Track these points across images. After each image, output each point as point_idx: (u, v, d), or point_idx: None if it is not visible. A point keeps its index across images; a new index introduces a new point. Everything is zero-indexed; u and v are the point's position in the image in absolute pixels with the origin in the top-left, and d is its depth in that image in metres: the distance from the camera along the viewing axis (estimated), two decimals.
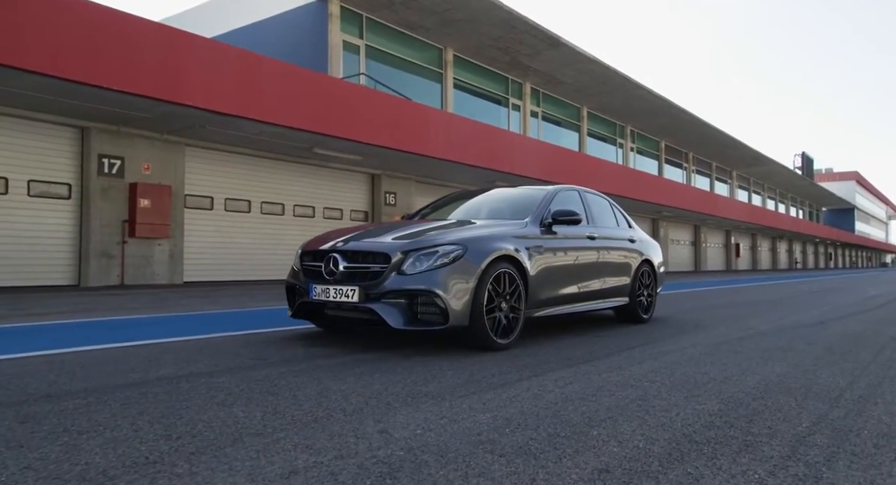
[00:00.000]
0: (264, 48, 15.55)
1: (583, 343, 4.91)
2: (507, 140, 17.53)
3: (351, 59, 16.08)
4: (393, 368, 3.70)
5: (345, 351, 4.27)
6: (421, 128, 14.35)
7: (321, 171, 15.38)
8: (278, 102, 11.20)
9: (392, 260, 4.23)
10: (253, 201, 14.06)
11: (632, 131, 29.84)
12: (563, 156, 20.47)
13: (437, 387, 3.19)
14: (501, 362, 3.96)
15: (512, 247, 4.65)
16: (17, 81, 8.78)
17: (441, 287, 4.14)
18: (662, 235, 32.29)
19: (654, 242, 7.15)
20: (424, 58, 18.28)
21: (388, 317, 4.14)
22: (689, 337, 5.46)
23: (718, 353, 4.57)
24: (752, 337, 5.55)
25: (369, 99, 13.47)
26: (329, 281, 4.41)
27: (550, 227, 5.28)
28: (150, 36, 9.57)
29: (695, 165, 37.13)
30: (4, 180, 10.50)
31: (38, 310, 6.88)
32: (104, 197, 11.36)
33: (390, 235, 4.57)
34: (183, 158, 12.57)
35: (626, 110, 26.94)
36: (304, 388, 3.10)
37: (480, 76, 20.51)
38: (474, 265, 4.29)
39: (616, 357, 4.28)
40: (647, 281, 6.70)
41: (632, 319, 6.50)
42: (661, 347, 4.80)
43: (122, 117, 10.89)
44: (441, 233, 4.53)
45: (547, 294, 5.07)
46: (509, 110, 21.72)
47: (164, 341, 4.53)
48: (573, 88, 23.36)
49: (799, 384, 3.49)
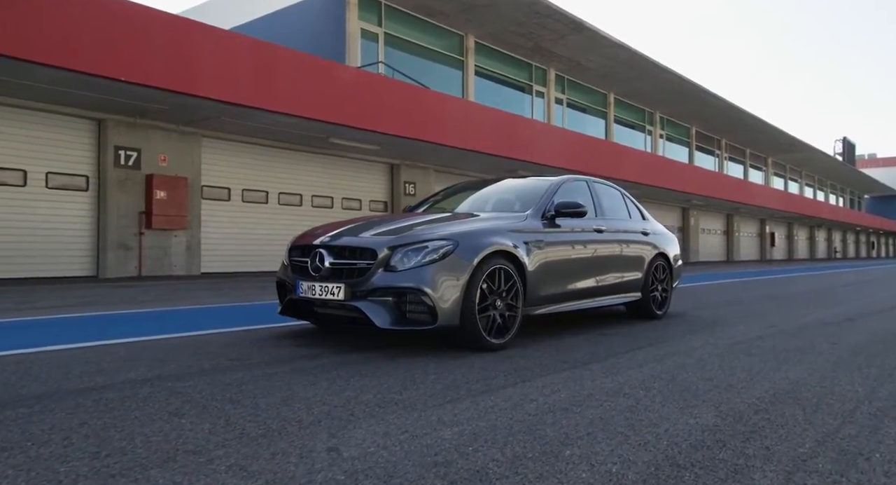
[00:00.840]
0: (283, 38, 15.44)
1: (586, 343, 4.66)
2: (529, 128, 17.17)
3: (369, 48, 15.88)
4: (374, 370, 3.51)
5: (331, 351, 4.10)
6: (438, 117, 14.10)
7: (339, 161, 15.26)
8: (292, 92, 11.06)
9: (378, 256, 4.03)
10: (270, 192, 14.01)
11: (661, 118, 29.10)
12: (587, 144, 20.02)
13: (412, 394, 2.99)
14: (491, 365, 3.74)
15: (508, 242, 4.41)
16: (30, 74, 8.79)
17: (429, 285, 3.92)
18: (693, 225, 31.54)
19: (670, 235, 6.82)
20: (445, 45, 17.98)
21: (375, 316, 3.95)
22: (703, 336, 5.16)
23: (730, 355, 4.27)
24: (771, 336, 5.22)
25: (385, 88, 13.26)
26: (315, 278, 4.23)
27: (554, 220, 5.02)
28: (160, 26, 9.49)
29: (727, 151, 36.13)
30: (23, 173, 10.59)
31: (44, 303, 6.87)
32: (121, 189, 11.39)
33: (379, 229, 4.37)
34: (199, 149, 12.54)
35: (655, 96, 26.24)
36: (270, 394, 2.92)
37: (503, 63, 20.12)
38: (465, 261, 4.06)
39: (617, 359, 4.02)
40: (661, 275, 6.38)
41: (645, 316, 6.20)
42: (668, 348, 4.52)
43: (137, 109, 10.88)
44: (431, 227, 4.31)
45: (549, 291, 4.82)
46: (533, 97, 21.31)
47: (149, 339, 4.41)
48: (599, 74, 22.81)
49: (811, 394, 3.19)
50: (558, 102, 22.48)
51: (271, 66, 10.75)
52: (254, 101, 10.46)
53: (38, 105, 10.50)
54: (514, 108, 20.44)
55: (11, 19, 7.94)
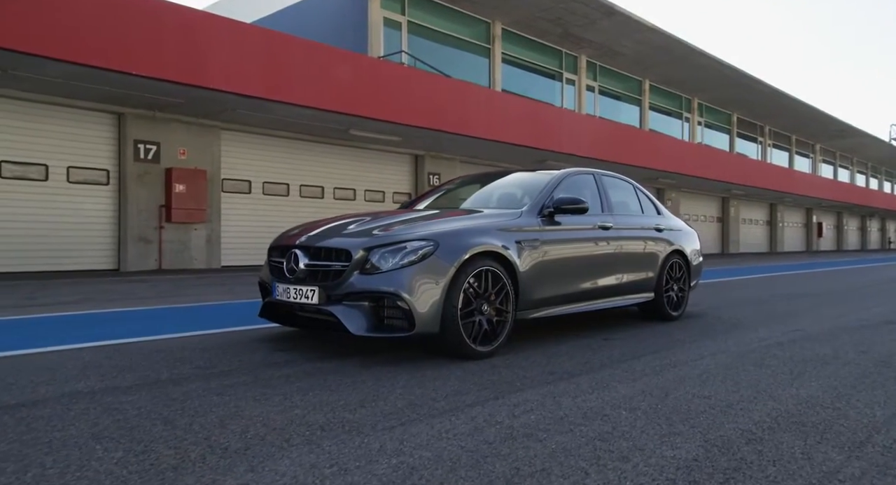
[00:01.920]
0: (306, 29, 15.30)
1: (583, 350, 4.33)
2: (556, 117, 16.69)
3: (392, 37, 15.60)
4: (340, 382, 3.27)
5: (306, 357, 3.88)
6: (461, 106, 13.77)
7: (362, 152, 15.07)
8: (307, 84, 10.88)
9: (353, 258, 3.78)
10: (292, 184, 13.92)
11: (699, 104, 28.09)
12: (619, 132, 19.41)
13: (366, 413, 2.73)
14: (470, 377, 3.46)
15: (496, 241, 4.10)
16: (41, 69, 8.79)
17: (405, 288, 3.66)
18: (733, 215, 30.48)
19: (688, 230, 6.39)
20: (471, 33, 17.58)
21: (349, 321, 3.71)
22: (716, 342, 4.77)
23: (740, 365, 3.90)
24: (792, 343, 4.79)
25: (405, 78, 12.98)
26: (290, 280, 4.01)
27: (552, 216, 4.69)
28: (171, 18, 9.39)
29: (771, 138, 34.75)
30: (45, 167, 10.70)
31: (47, 300, 6.85)
32: (140, 182, 11.43)
33: (359, 229, 4.11)
34: (219, 142, 12.51)
35: (693, 82, 25.30)
36: (212, 412, 2.71)
37: (531, 50, 19.60)
38: (446, 263, 3.78)
39: (611, 370, 3.69)
40: (677, 274, 5.98)
41: (659, 317, 5.82)
42: (674, 357, 4.17)
43: (155, 102, 10.86)
44: (412, 226, 4.03)
45: (545, 293, 4.50)
46: (563, 85, 20.74)
47: (125, 342, 4.26)
48: (632, 60, 22.06)
49: (820, 417, 2.82)
50: (590, 90, 21.85)
51: (284, 57, 10.59)
52: (267, 93, 10.33)
53: (58, 100, 10.57)
54: (544, 97, 19.93)
55: (17, 12, 7.93)
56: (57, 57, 8.30)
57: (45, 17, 8.22)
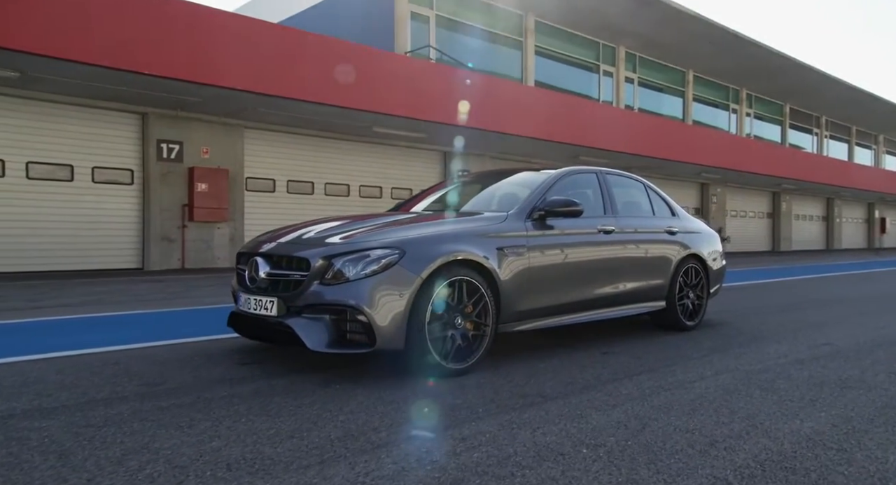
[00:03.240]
0: (334, 25, 15.18)
1: (573, 366, 3.95)
2: (589, 111, 16.13)
3: (421, 31, 15.32)
4: (284, 405, 3.00)
5: (264, 374, 3.63)
6: (488, 101, 13.38)
7: (388, 149, 14.86)
8: (324, 80, 10.70)
9: (312, 267, 3.51)
10: (316, 183, 13.81)
11: (748, 95, 26.87)
12: (658, 126, 18.66)
13: (289, 447, 2.45)
14: (431, 400, 3.14)
15: (473, 248, 3.76)
16: (56, 71, 8.84)
17: (365, 301, 3.37)
18: (784, 210, 29.10)
19: (708, 232, 5.89)
20: (502, 26, 17.13)
21: (307, 335, 3.44)
22: (727, 358, 4.31)
23: (744, 389, 3.46)
24: (815, 360, 4.29)
25: (427, 73, 12.68)
26: (252, 290, 3.77)
27: (544, 220, 4.31)
28: (180, 16, 9.33)
29: (828, 129, 33.04)
30: (70, 168, 10.84)
31: (52, 302, 6.83)
32: (163, 182, 11.48)
33: (326, 234, 3.83)
34: (242, 140, 12.48)
35: (740, 72, 24.18)
36: (119, 444, 2.46)
37: (566, 42, 19.02)
38: (411, 273, 3.47)
39: (592, 393, 3.32)
40: (693, 280, 5.51)
41: (672, 327, 5.37)
42: (671, 376, 3.75)
43: (174, 102, 10.87)
44: (380, 232, 3.73)
45: (533, 304, 4.14)
46: (600, 77, 20.06)
47: (86, 353, 4.09)
48: (674, 51, 21.19)
49: (819, 462, 2.40)
50: (629, 81, 21.09)
51: (298, 53, 10.42)
52: (280, 91, 10.19)
53: (83, 101, 10.68)
54: (580, 89, 19.34)
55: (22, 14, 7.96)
56: (66, 58, 8.31)
57: (57, 19, 8.24)
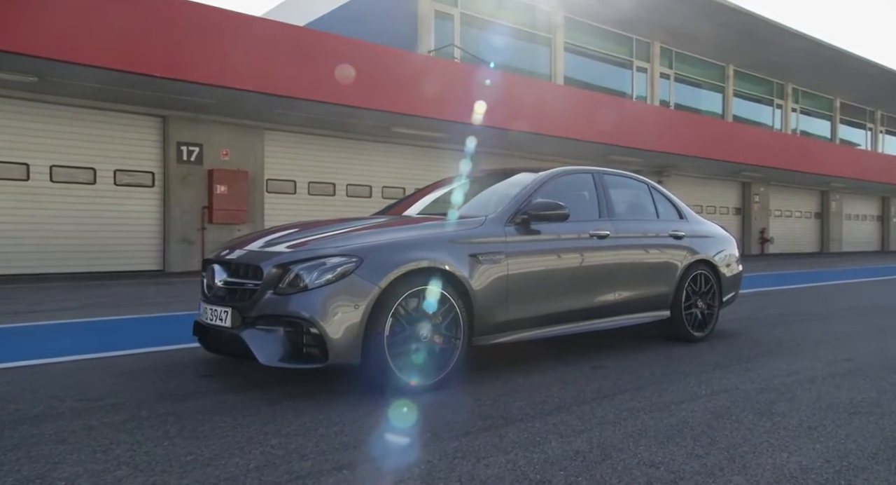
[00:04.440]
0: (359, 26, 15.10)
1: (552, 383, 3.64)
2: (620, 109, 15.61)
3: (445, 30, 15.09)
4: (217, 426, 2.80)
5: (220, 388, 3.44)
6: (513, 100, 13.06)
7: (410, 149, 14.66)
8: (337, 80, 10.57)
9: (265, 275, 3.31)
10: (338, 184, 13.72)
11: (794, 90, 25.74)
12: (694, 123, 17.98)
13: (195, 479, 2.24)
14: (375, 423, 2.90)
15: (441, 255, 3.50)
16: (71, 75, 8.92)
17: (318, 312, 3.15)
18: (834, 210, 27.79)
19: (721, 236, 5.48)
20: (529, 22, 16.75)
21: (259, 349, 3.24)
22: (730, 375, 3.93)
23: (736, 413, 3.10)
24: (830, 378, 3.88)
25: (449, 72, 12.44)
26: (210, 298, 3.59)
27: (528, 224, 4.02)
28: (193, 18, 9.32)
29: (884, 124, 31.44)
30: (93, 171, 10.98)
31: (52, 306, 6.84)
32: (184, 184, 11.54)
33: (286, 240, 3.62)
34: (262, 142, 12.47)
35: (785, 66, 23.16)
36: (14, 474, 2.29)
37: (597, 38, 18.51)
38: (368, 283, 3.23)
39: (562, 416, 3.01)
40: (702, 288, 5.11)
41: (679, 338, 4.99)
42: (659, 396, 3.41)
43: (193, 105, 10.90)
44: (339, 239, 3.50)
45: (513, 315, 3.85)
46: (633, 73, 19.46)
47: (42, 363, 3.97)
48: (712, 45, 20.41)
49: None
50: (664, 77, 20.40)
51: (314, 54, 10.31)
52: (295, 92, 10.10)
53: (105, 105, 10.79)
54: (612, 86, 18.80)
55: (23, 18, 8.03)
56: (77, 61, 8.37)
57: (69, 24, 8.30)
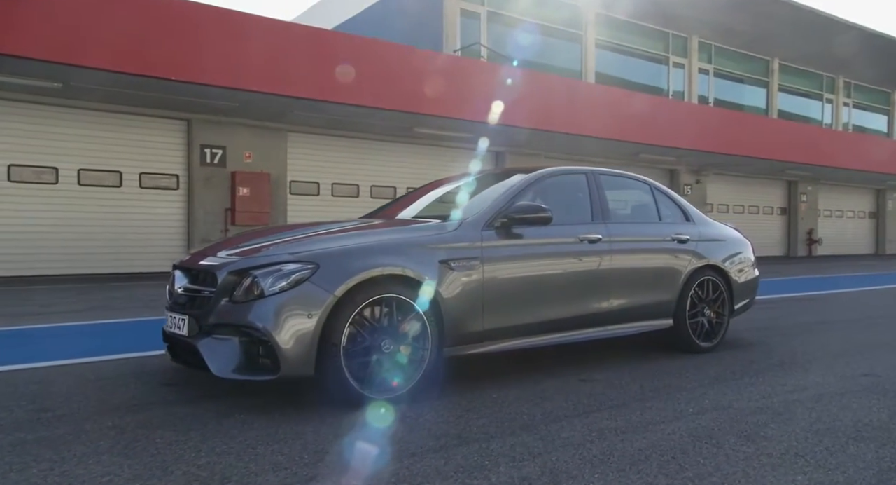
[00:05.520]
0: (386, 27, 15.06)
1: (531, 398, 3.41)
2: (650, 106, 15.12)
3: (471, 28, 14.88)
4: (153, 442, 2.67)
5: (176, 399, 3.34)
6: (540, 99, 12.77)
7: (435, 150, 14.49)
8: (359, 82, 10.49)
9: (219, 282, 3.18)
10: (361, 185, 13.66)
11: (846, 83, 24.55)
12: (732, 120, 17.30)
13: None
14: (319, 442, 2.73)
15: (406, 262, 3.32)
16: (84, 78, 9.02)
17: (269, 321, 3.01)
18: (891, 209, 26.41)
19: (733, 239, 5.12)
20: (559, 19, 16.38)
21: (212, 359, 3.12)
22: (728, 390, 3.62)
23: (720, 435, 2.81)
24: (840, 396, 3.53)
25: (471, 71, 12.24)
26: (171, 305, 3.49)
27: (510, 229, 3.80)
28: (211, 21, 9.35)
29: None
30: (119, 174, 11.17)
31: (61, 308, 6.91)
32: (207, 186, 11.64)
33: (244, 246, 3.49)
34: (285, 144, 12.50)
35: (835, 59, 22.07)
36: None
37: (630, 33, 17.98)
38: (323, 291, 3.07)
39: (525, 436, 2.79)
40: (710, 295, 4.78)
41: (684, 349, 4.67)
42: (639, 415, 3.14)
43: (216, 108, 10.97)
44: (298, 244, 3.35)
45: (492, 324, 3.63)
46: (669, 69, 18.85)
47: (19, 368, 3.95)
48: (754, 38, 19.61)
49: None
50: (703, 73, 19.70)
51: (330, 55, 10.25)
52: (313, 93, 10.06)
53: (130, 109, 10.96)
54: (647, 82, 18.27)
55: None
56: (96, 67, 8.49)
57: (88, 30, 8.43)
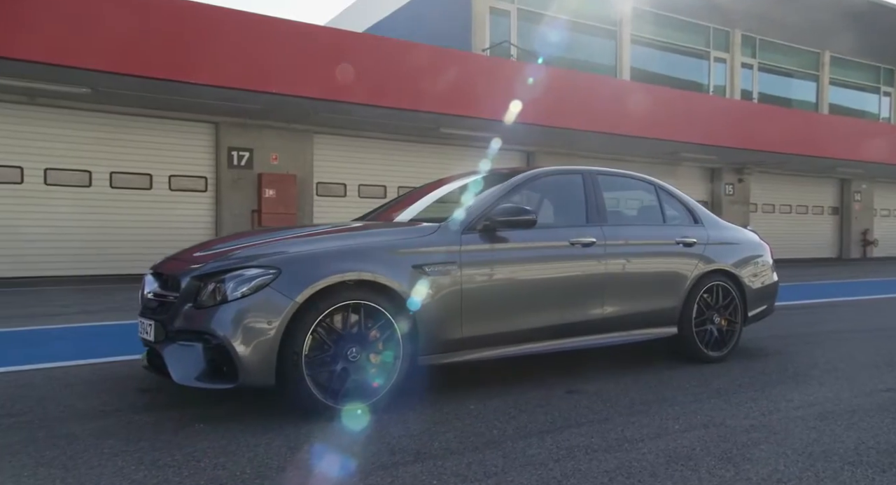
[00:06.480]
0: (416, 27, 15.00)
1: (509, 410, 3.24)
2: (687, 102, 14.61)
3: (501, 26, 14.67)
4: (97, 454, 2.61)
5: (147, 405, 3.29)
6: (565, 96, 12.48)
7: (463, 150, 14.30)
8: (380, 82, 10.44)
9: (181, 287, 3.11)
10: (389, 186, 13.60)
11: None
12: (776, 116, 16.57)
13: None
14: (267, 455, 2.62)
15: (375, 267, 3.19)
16: (112, 83, 9.21)
17: (227, 328, 2.92)
18: None
19: (748, 243, 4.81)
20: (592, 15, 16.00)
21: (175, 366, 3.05)
22: (727, 405, 3.37)
23: (699, 456, 2.59)
24: (851, 414, 3.24)
25: (499, 71, 12.04)
26: (141, 310, 3.45)
27: (493, 232, 3.63)
28: (232, 25, 9.42)
29: None
30: (149, 177, 11.40)
31: (76, 309, 7.04)
32: (234, 188, 11.77)
33: (214, 250, 3.42)
34: (311, 146, 12.54)
35: (893, 49, 20.92)
36: None
37: (668, 28, 17.42)
38: (284, 297, 2.96)
39: (486, 454, 2.62)
40: (720, 301, 4.49)
41: (692, 358, 4.40)
42: (618, 432, 2.94)
43: (242, 110, 11.07)
44: (262, 248, 3.25)
45: (473, 331, 3.48)
46: (710, 64, 18.19)
47: (10, 371, 3.99)
48: (802, 30, 18.75)
49: None
50: (746, 67, 18.96)
51: (349, 55, 10.21)
52: (332, 95, 10.04)
53: (158, 113, 11.15)
54: (686, 78, 17.70)
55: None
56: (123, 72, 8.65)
57: (115, 36, 8.59)
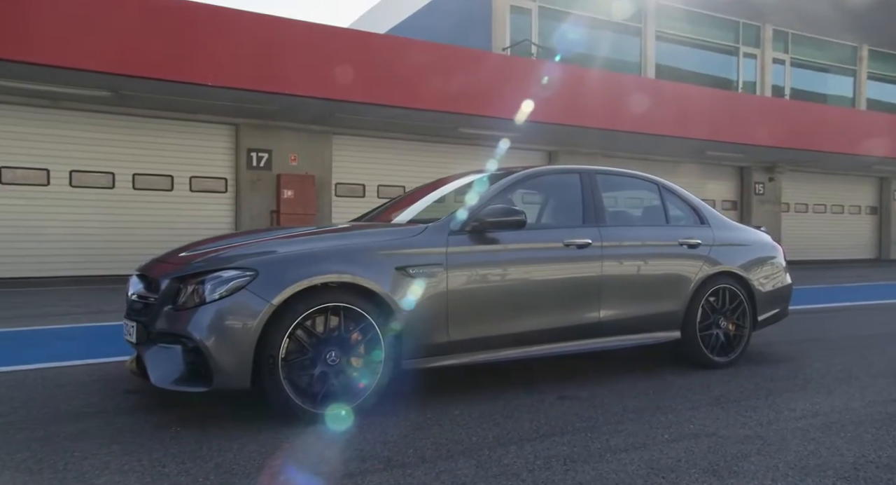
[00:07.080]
0: (436, 27, 14.96)
1: (494, 416, 3.15)
2: (716, 99, 14.26)
3: (522, 25, 14.52)
4: (64, 457, 2.60)
5: (129, 407, 3.28)
6: (584, 95, 12.30)
7: (483, 150, 14.19)
8: (397, 82, 10.40)
9: (161, 289, 3.09)
10: (408, 187, 13.56)
11: None
12: (809, 112, 16.08)
13: None
14: (236, 460, 2.57)
15: (356, 269, 3.13)
16: (131, 86, 9.34)
17: (202, 331, 2.89)
18: None
19: (758, 244, 4.61)
20: (615, 12, 15.73)
21: (154, 368, 3.03)
22: (725, 413, 3.22)
23: (684, 468, 2.46)
24: (856, 425, 3.07)
25: (512, 69, 11.92)
26: (126, 312, 3.44)
27: (482, 233, 3.53)
28: (247, 27, 9.49)
29: None
30: (170, 178, 11.56)
31: (89, 308, 7.14)
32: (253, 189, 11.87)
33: (195, 251, 3.39)
34: (330, 146, 12.58)
35: None
36: None
37: (695, 24, 17.05)
38: (260, 300, 2.92)
39: (457, 463, 2.54)
40: (727, 305, 4.31)
41: (696, 363, 4.24)
42: (604, 440, 2.82)
43: (260, 112, 11.16)
44: (240, 249, 3.21)
45: (453, 336, 3.39)
46: (739, 60, 17.74)
47: (4, 371, 4.03)
48: (839, 24, 18.15)
49: None
50: (778, 63, 18.43)
51: (367, 56, 10.20)
52: (349, 96, 10.04)
53: (180, 115, 11.30)
54: (714, 75, 17.30)
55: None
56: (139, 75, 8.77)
57: (131, 40, 8.72)
